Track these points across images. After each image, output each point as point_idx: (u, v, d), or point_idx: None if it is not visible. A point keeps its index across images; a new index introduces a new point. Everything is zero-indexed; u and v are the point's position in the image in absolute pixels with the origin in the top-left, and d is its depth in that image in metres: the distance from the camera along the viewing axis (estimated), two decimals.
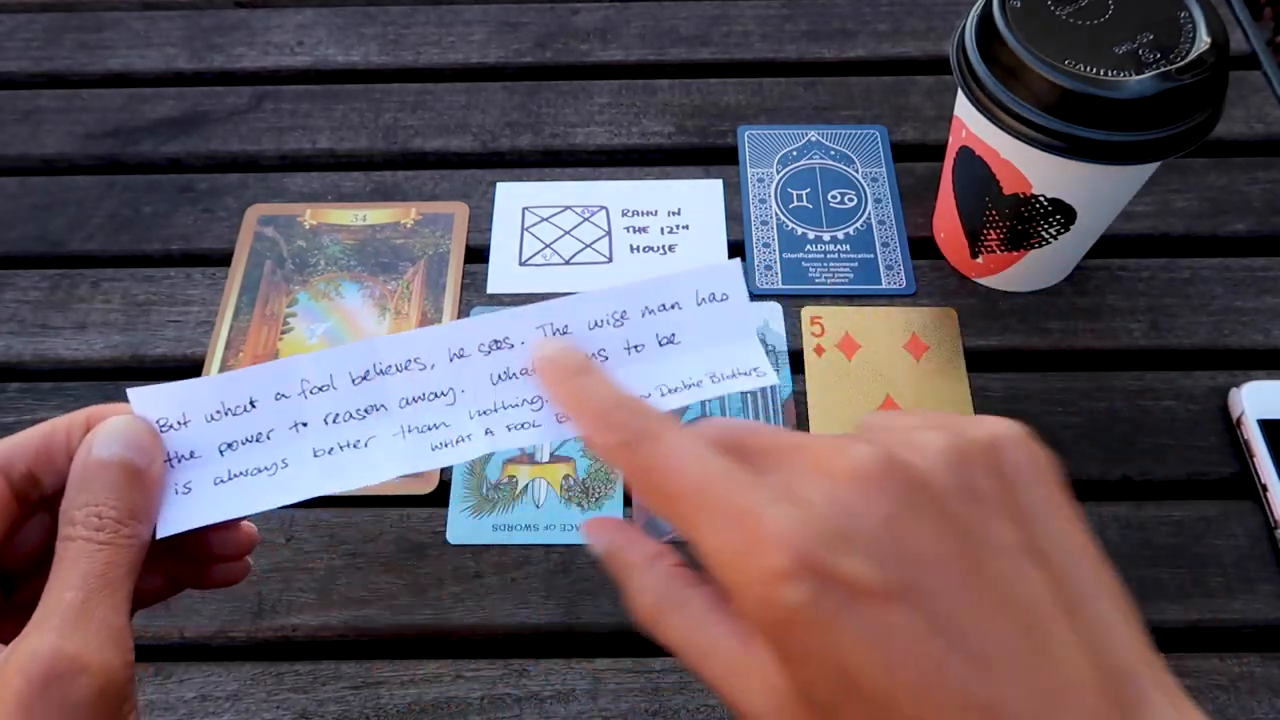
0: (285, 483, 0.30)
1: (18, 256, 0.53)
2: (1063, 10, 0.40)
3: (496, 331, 0.31)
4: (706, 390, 0.31)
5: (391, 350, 0.30)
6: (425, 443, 0.31)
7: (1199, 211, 0.53)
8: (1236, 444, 0.45)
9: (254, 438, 0.30)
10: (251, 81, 0.61)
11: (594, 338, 0.31)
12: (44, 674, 0.23)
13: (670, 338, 0.32)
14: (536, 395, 0.31)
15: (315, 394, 0.30)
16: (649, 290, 0.32)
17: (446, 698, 0.39)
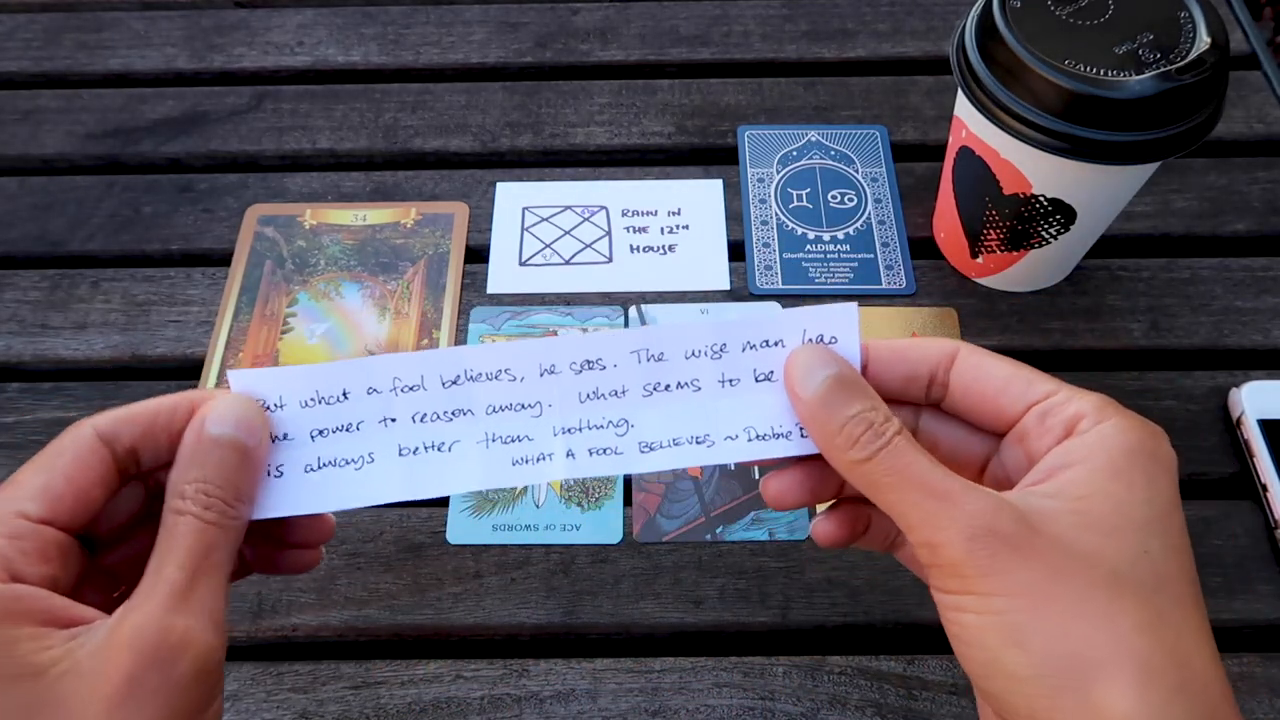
0: (370, 480, 0.31)
1: (18, 256, 0.53)
2: (1063, 10, 0.40)
3: (590, 352, 0.31)
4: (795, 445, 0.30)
5: (483, 358, 0.31)
6: (507, 456, 0.31)
7: (1199, 211, 0.53)
8: (1236, 444, 0.45)
9: (344, 427, 0.31)
10: (251, 81, 0.61)
11: (689, 368, 0.31)
12: (153, 651, 0.24)
13: (769, 375, 0.31)
14: (623, 419, 0.31)
15: (405, 392, 0.31)
16: (754, 325, 0.31)
17: (446, 698, 0.39)
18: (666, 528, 0.44)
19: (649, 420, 0.31)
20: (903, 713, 0.39)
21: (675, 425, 0.31)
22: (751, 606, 0.42)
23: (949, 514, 0.25)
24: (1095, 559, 0.24)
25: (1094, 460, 0.25)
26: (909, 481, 0.26)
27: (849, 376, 0.28)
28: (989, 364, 0.28)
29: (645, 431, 0.31)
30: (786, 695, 0.39)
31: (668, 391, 0.31)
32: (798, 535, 0.43)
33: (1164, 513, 0.25)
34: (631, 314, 0.50)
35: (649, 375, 0.31)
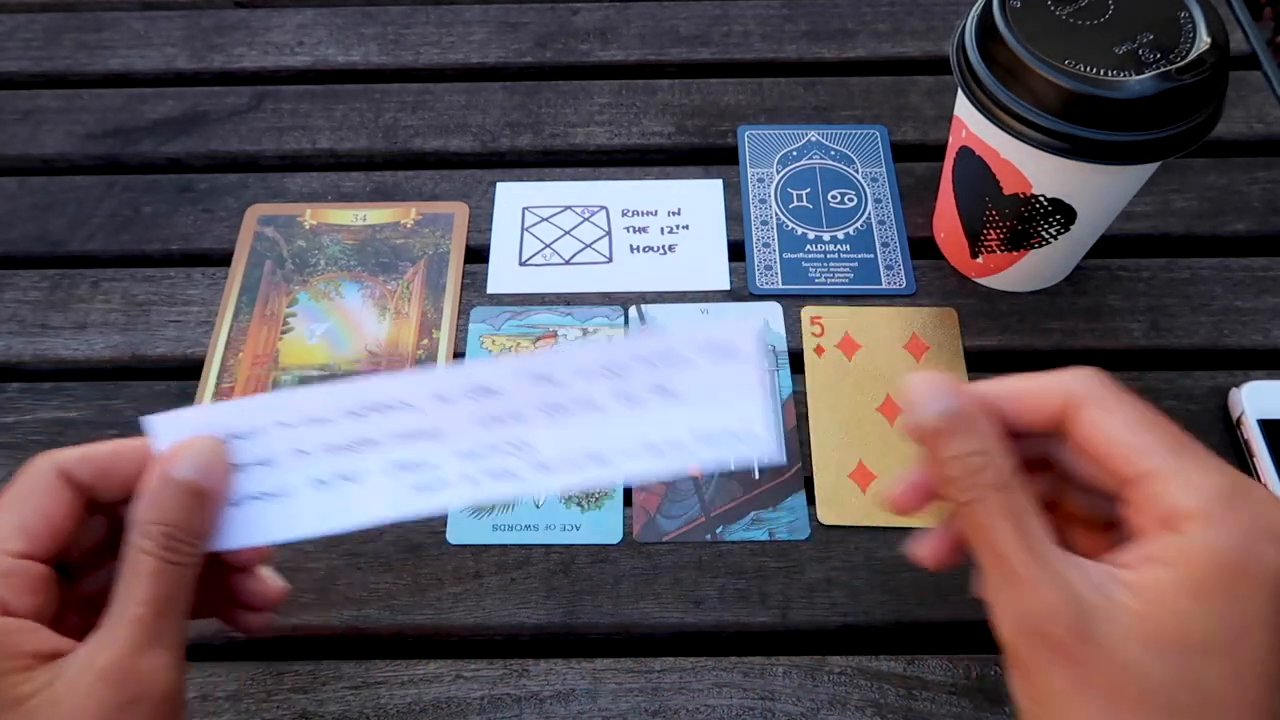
0: (291, 513, 0.32)
1: (18, 256, 0.53)
2: (1063, 10, 0.40)
3: (483, 379, 0.31)
4: (693, 455, 0.31)
5: (381, 390, 0.32)
6: (410, 483, 0.32)
7: (1199, 211, 0.53)
8: (1236, 444, 0.45)
9: (262, 461, 0.32)
10: (251, 81, 0.61)
11: (584, 388, 0.31)
12: (122, 687, 0.26)
13: (669, 390, 0.31)
14: (523, 441, 0.31)
15: (314, 425, 0.32)
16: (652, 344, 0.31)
17: (446, 698, 0.39)
18: (666, 528, 0.44)
19: (547, 440, 0.31)
20: (903, 713, 0.39)
21: (572, 444, 0.31)
22: (751, 606, 0.42)
23: (1009, 596, 0.25)
24: (1134, 676, 0.23)
25: (1182, 569, 0.24)
26: (985, 545, 0.26)
27: (966, 413, 0.27)
28: (1108, 423, 0.27)
29: (543, 452, 0.31)
30: (786, 695, 0.39)
31: (565, 412, 0.31)
32: (798, 535, 0.43)
33: (1239, 635, 0.23)
34: (631, 314, 0.50)
35: (544, 397, 0.31)
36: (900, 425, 0.28)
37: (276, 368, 0.48)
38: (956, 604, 0.41)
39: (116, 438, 0.36)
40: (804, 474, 0.45)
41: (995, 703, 0.39)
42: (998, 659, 0.40)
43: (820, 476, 0.45)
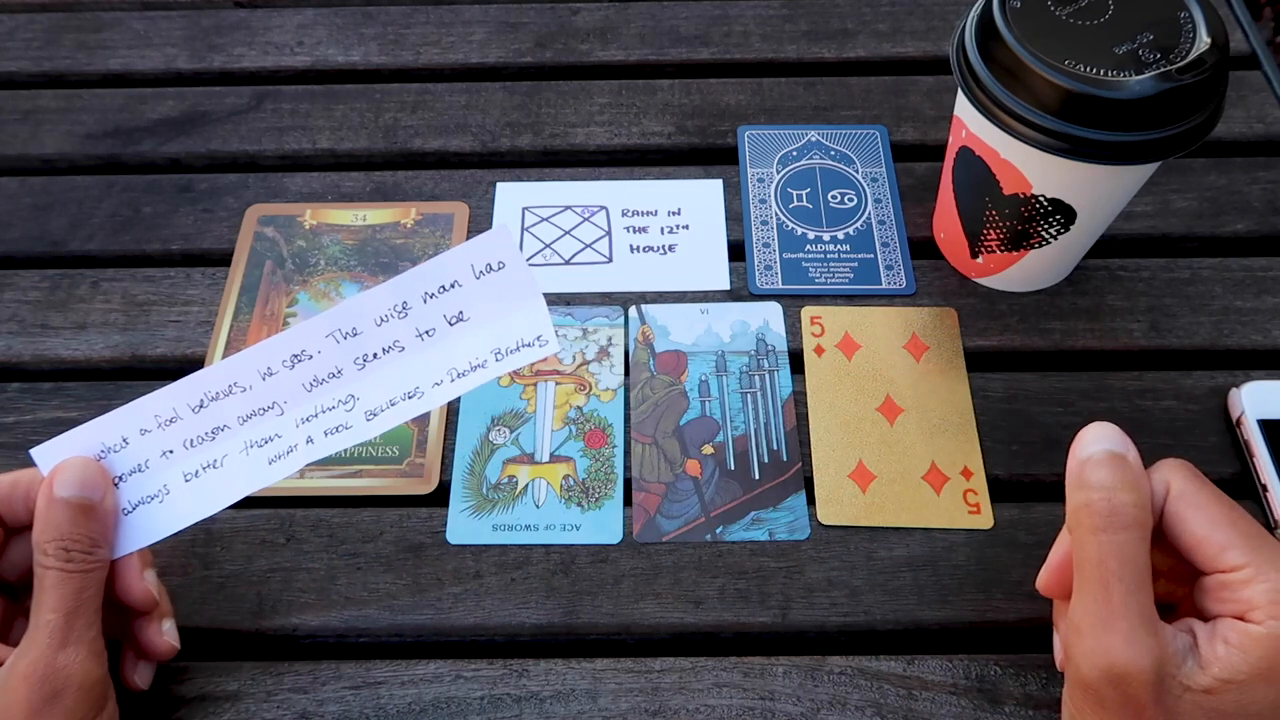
0: (173, 509, 0.36)
1: (18, 256, 0.53)
2: (1063, 10, 0.40)
3: (293, 346, 0.34)
4: (492, 370, 0.34)
5: (212, 379, 0.35)
6: (264, 456, 0.36)
7: (1199, 211, 0.53)
8: (1236, 444, 0.45)
9: (136, 469, 0.36)
10: (251, 81, 0.61)
11: (384, 332, 0.34)
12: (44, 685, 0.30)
13: (459, 316, 0.34)
14: (349, 395, 0.35)
15: (169, 425, 0.36)
16: (426, 275, 0.33)
17: (446, 698, 0.39)
18: (666, 528, 0.44)
19: (369, 390, 0.35)
20: (903, 713, 0.39)
21: (390, 387, 0.35)
22: (751, 606, 0.42)
23: (1104, 640, 0.28)
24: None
25: (1250, 654, 0.28)
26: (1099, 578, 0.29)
27: (1126, 460, 0.31)
28: (1191, 516, 0.30)
29: (368, 401, 0.35)
30: (786, 695, 0.39)
31: (376, 359, 0.35)
32: (798, 535, 0.43)
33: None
34: (631, 314, 0.50)
35: (354, 351, 0.35)
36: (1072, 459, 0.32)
37: None
38: (956, 604, 0.41)
39: None
40: (804, 474, 0.45)
41: (995, 703, 0.39)
42: (998, 659, 0.40)
43: (820, 476, 0.45)
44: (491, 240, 0.33)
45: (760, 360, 0.48)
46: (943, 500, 0.44)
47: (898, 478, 0.44)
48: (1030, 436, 0.46)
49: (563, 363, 0.48)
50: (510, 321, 0.35)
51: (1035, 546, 0.42)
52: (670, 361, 0.48)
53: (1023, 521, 0.43)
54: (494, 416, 0.47)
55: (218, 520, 0.44)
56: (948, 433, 0.46)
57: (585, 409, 0.47)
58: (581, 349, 0.49)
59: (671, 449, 0.46)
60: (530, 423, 0.46)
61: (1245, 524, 0.30)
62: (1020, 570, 0.42)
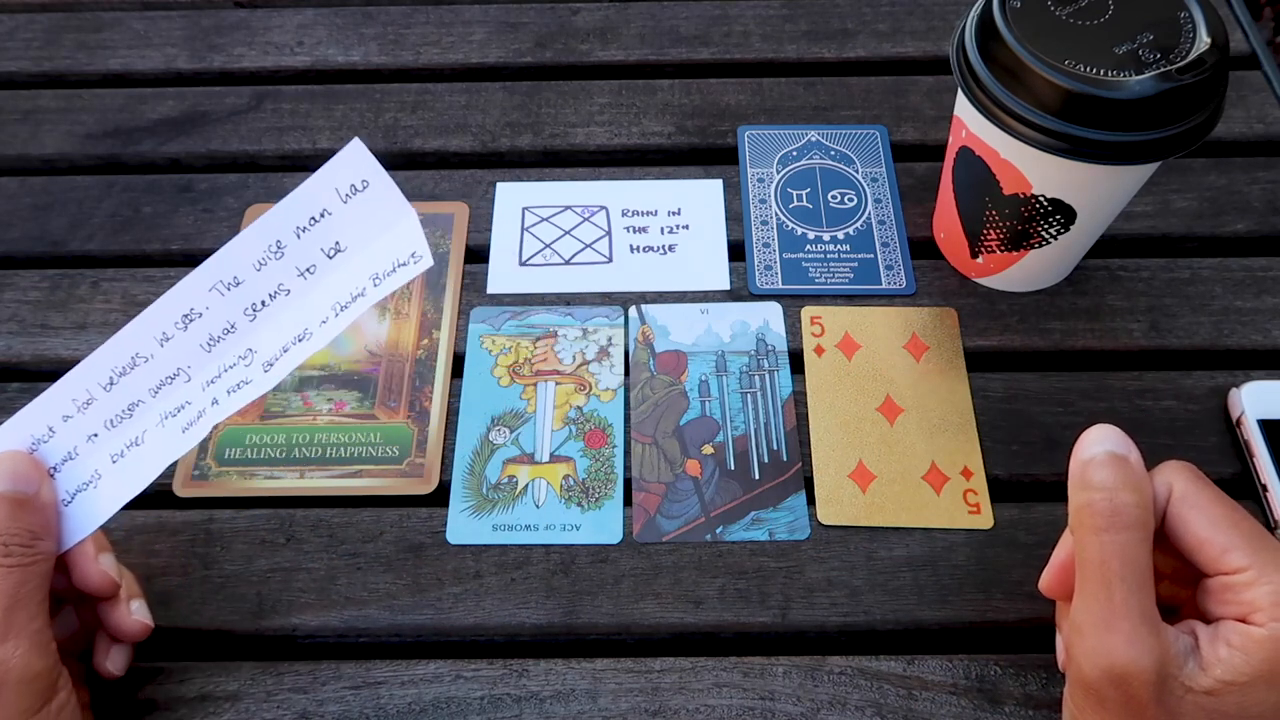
0: (105, 492, 0.35)
1: (18, 256, 0.53)
2: (1063, 10, 0.40)
3: (180, 305, 0.33)
4: (371, 296, 0.33)
5: (113, 353, 0.34)
6: (177, 426, 0.35)
7: (1199, 211, 0.53)
8: (1236, 444, 0.45)
9: (66, 457, 0.35)
10: (251, 81, 0.61)
11: (266, 276, 0.33)
12: None
13: (335, 246, 0.33)
14: (247, 349, 0.34)
15: (86, 407, 0.35)
16: (291, 208, 0.32)
17: (446, 698, 0.39)
18: (666, 528, 0.44)
19: (264, 340, 0.34)
20: (903, 713, 0.39)
21: (283, 334, 0.34)
22: (751, 606, 0.42)
23: (1106, 639, 0.28)
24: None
25: (1251, 656, 0.28)
26: (1100, 579, 0.29)
27: (1128, 461, 0.31)
28: (1193, 518, 0.30)
29: (264, 352, 0.34)
30: (786, 695, 0.39)
31: (265, 307, 0.34)
32: (798, 535, 0.43)
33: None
34: (631, 314, 0.50)
35: (241, 300, 0.33)
36: (1074, 460, 0.32)
37: None
38: (956, 604, 0.41)
39: None
40: (804, 474, 0.45)
41: (995, 703, 0.39)
42: (997, 659, 0.40)
43: (820, 476, 0.45)
44: (349, 157, 0.33)
45: (760, 360, 0.48)
46: (943, 500, 0.44)
47: (898, 478, 0.44)
48: (1030, 436, 0.46)
49: (563, 363, 0.48)
50: (385, 243, 0.33)
51: (1035, 546, 0.43)
52: (670, 361, 0.48)
53: (1023, 521, 0.43)
54: (494, 416, 0.47)
55: (217, 520, 0.44)
56: (948, 433, 0.46)
57: (585, 409, 0.47)
58: (581, 349, 0.49)
59: (671, 449, 0.46)
60: (530, 423, 0.46)
61: (1248, 525, 0.30)
62: (1020, 570, 0.42)
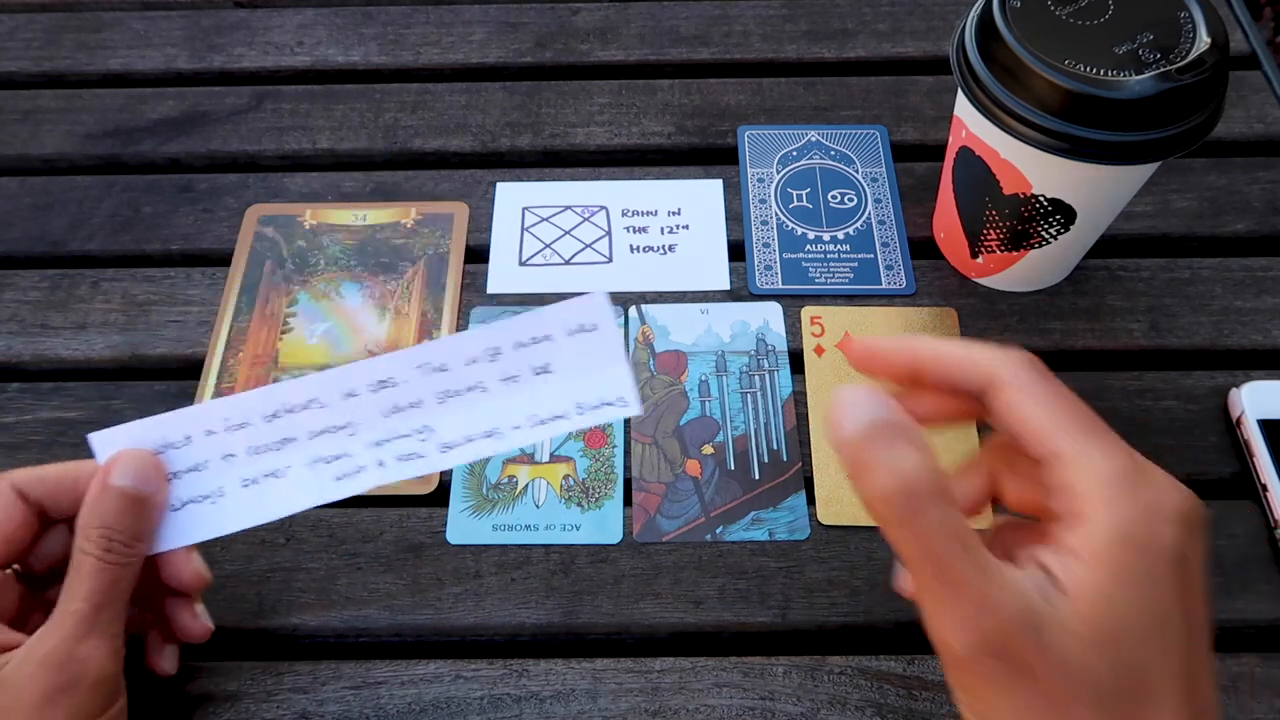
0: (224, 512, 0.36)
1: (18, 256, 0.53)
2: (1063, 10, 0.40)
3: (381, 373, 0.35)
4: (573, 422, 0.35)
5: (294, 392, 0.35)
6: (330, 473, 0.36)
7: (1199, 211, 0.53)
8: (1236, 444, 0.45)
9: (194, 467, 0.36)
10: (251, 81, 0.61)
11: (470, 373, 0.35)
12: (62, 672, 0.30)
13: (544, 367, 0.35)
14: (425, 425, 0.35)
15: (236, 430, 0.35)
16: (521, 326, 0.34)
17: (446, 698, 0.39)
18: (666, 528, 0.44)
19: (446, 423, 0.35)
20: (903, 713, 0.39)
21: (468, 424, 0.35)
22: (751, 606, 0.42)
23: (962, 613, 0.25)
24: (1087, 679, 0.24)
25: (1101, 561, 0.25)
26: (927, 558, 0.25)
27: (891, 421, 0.27)
28: (1023, 404, 0.27)
29: (444, 434, 0.35)
30: (786, 695, 0.39)
31: (458, 396, 0.35)
32: (798, 535, 0.43)
33: (1163, 617, 0.25)
34: (631, 314, 0.50)
35: (438, 385, 0.35)
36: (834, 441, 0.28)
37: (276, 368, 0.48)
38: None
39: None
40: (804, 474, 0.45)
41: None
42: None
43: (820, 476, 0.45)
44: (589, 304, 0.34)
45: (760, 360, 0.48)
46: None
47: None
48: None
49: None
50: (594, 380, 0.35)
51: None
52: (670, 361, 0.48)
53: None
54: None
55: None
56: (948, 433, 0.46)
57: None
58: None
59: (671, 449, 0.46)
60: None
61: (1076, 409, 0.27)
62: None
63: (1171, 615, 0.25)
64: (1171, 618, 0.25)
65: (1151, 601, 0.25)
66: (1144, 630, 0.25)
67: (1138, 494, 0.25)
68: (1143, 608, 0.25)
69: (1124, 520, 0.25)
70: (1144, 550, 0.25)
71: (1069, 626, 0.24)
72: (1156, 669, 0.24)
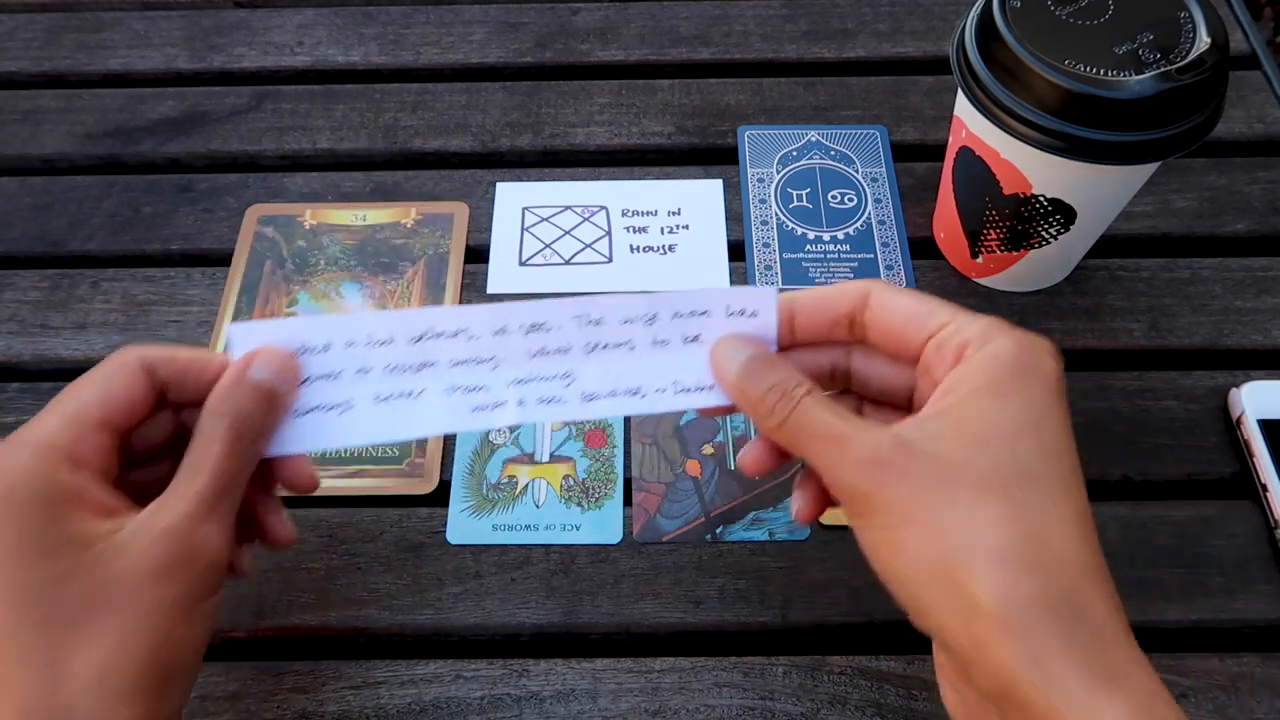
0: (350, 424, 0.35)
1: (18, 256, 0.53)
2: (1063, 10, 0.40)
3: (537, 316, 0.35)
4: (716, 397, 0.34)
5: (446, 319, 0.35)
6: (467, 404, 0.35)
7: (1199, 211, 0.53)
8: (1236, 444, 0.45)
9: (327, 375, 0.35)
10: (251, 81, 0.61)
11: (623, 330, 0.35)
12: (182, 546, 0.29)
13: (695, 338, 0.35)
14: (568, 372, 0.35)
15: (379, 346, 0.35)
16: (684, 299, 0.35)
17: (446, 698, 0.39)
18: (666, 528, 0.44)
19: (590, 374, 0.35)
20: (903, 713, 0.39)
21: (612, 379, 0.35)
22: (751, 606, 0.42)
23: (843, 453, 0.28)
24: (965, 467, 0.27)
25: (975, 381, 0.28)
26: (814, 435, 0.29)
27: (764, 355, 0.32)
28: (896, 301, 0.31)
29: (586, 384, 0.35)
30: (786, 695, 0.39)
31: (605, 350, 0.35)
32: (798, 535, 0.43)
33: (1037, 419, 0.27)
34: None
35: (589, 336, 0.35)
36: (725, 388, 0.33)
37: None
38: None
39: None
40: None
41: None
42: None
43: None
44: (759, 294, 0.34)
45: None
46: None
47: None
48: None
49: None
50: None
51: None
52: None
53: None
54: None
55: None
56: None
57: None
58: None
59: (671, 449, 0.46)
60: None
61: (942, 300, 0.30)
62: None
63: (1047, 419, 0.27)
64: (1048, 420, 0.27)
65: (1026, 410, 0.27)
66: (1020, 428, 0.27)
67: (1013, 332, 0.29)
68: (1017, 414, 0.27)
69: (1004, 347, 0.28)
70: (1022, 371, 0.28)
71: (940, 433, 0.28)
72: (1038, 465, 0.27)
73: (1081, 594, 0.25)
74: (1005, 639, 0.25)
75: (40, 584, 0.27)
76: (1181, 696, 0.39)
